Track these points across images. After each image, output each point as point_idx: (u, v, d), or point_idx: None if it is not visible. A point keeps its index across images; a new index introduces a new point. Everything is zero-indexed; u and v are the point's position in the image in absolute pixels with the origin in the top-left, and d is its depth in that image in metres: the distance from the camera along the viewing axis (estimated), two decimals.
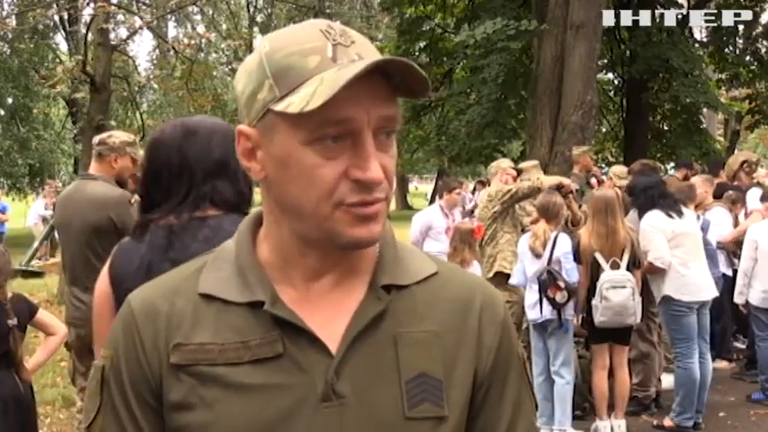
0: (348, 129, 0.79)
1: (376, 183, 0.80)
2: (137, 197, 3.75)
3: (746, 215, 6.07)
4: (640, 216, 4.85)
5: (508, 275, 4.97)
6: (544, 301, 4.47)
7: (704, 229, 5.68)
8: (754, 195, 6.04)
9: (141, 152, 3.75)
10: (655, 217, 4.71)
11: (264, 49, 0.83)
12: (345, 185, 0.80)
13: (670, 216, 4.70)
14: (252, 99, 0.83)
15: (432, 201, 26.45)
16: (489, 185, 6.23)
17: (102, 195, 3.41)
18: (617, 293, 4.34)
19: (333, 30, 0.82)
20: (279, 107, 0.79)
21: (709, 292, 4.78)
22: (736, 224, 6.08)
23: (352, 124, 0.79)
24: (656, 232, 4.66)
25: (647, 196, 4.85)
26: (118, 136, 3.66)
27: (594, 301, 4.41)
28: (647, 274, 4.76)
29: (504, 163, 6.06)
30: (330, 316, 0.87)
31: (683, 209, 4.87)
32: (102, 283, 1.73)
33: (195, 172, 1.69)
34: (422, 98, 0.84)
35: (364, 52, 0.82)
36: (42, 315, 3.22)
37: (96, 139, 3.67)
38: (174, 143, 1.71)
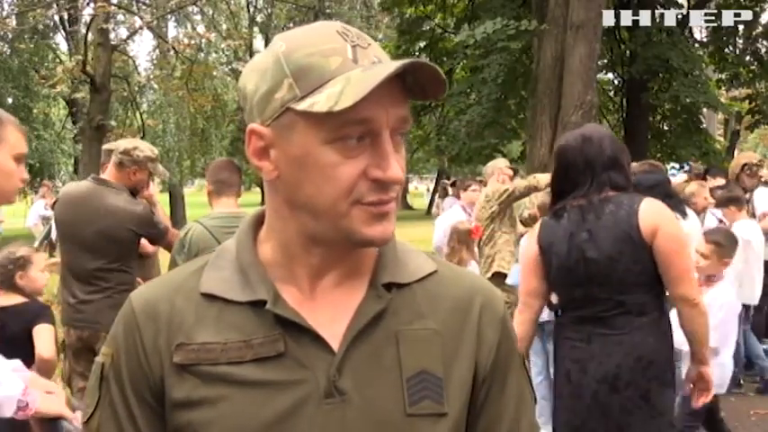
0: (369, 128, 0.80)
1: (396, 182, 0.82)
2: (154, 198, 3.83)
3: (754, 216, 6.00)
4: None
5: (506, 276, 4.96)
6: None
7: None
8: (761, 195, 5.98)
9: (160, 168, 3.73)
10: None
11: (281, 48, 0.83)
12: (364, 184, 0.81)
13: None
14: (267, 98, 0.83)
15: (432, 200, 26.47)
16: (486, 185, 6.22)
17: (123, 209, 3.43)
18: None
19: (350, 32, 0.83)
20: (301, 106, 0.80)
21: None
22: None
23: (372, 124, 0.80)
24: None
25: (652, 194, 4.82)
26: (143, 150, 3.59)
27: None
28: None
29: (501, 162, 6.05)
30: (332, 314, 0.87)
31: (687, 210, 4.85)
32: (531, 248, 2.50)
33: (595, 166, 2.34)
34: (435, 100, 0.85)
35: (380, 55, 0.83)
36: (38, 333, 2.93)
37: (121, 147, 3.60)
38: (577, 148, 2.38)
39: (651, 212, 2.29)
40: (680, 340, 2.56)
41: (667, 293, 2.37)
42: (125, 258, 3.51)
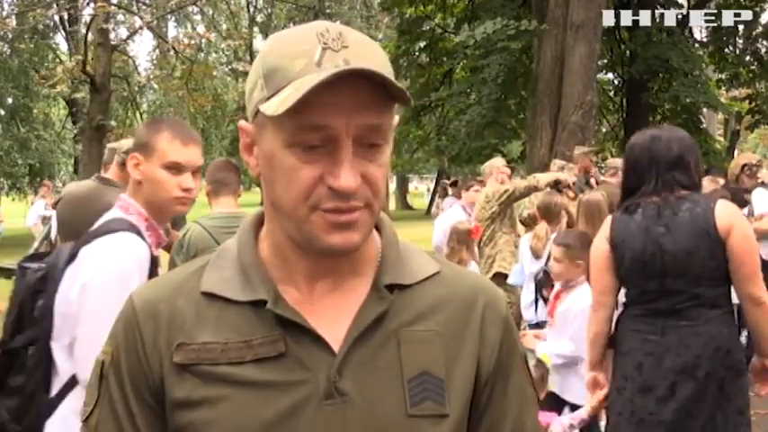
0: (326, 135, 0.79)
1: (347, 191, 0.80)
2: None
3: (753, 216, 5.99)
4: None
5: (507, 276, 4.97)
6: (540, 301, 4.46)
7: None
8: (759, 196, 5.98)
9: None
10: None
11: (264, 48, 0.85)
12: (322, 190, 0.81)
13: None
14: (250, 96, 0.85)
15: (432, 199, 26.46)
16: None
17: None
18: None
19: (328, 33, 0.81)
20: (262, 107, 0.81)
21: None
22: None
23: (328, 131, 0.79)
24: None
25: None
26: None
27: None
28: None
29: (498, 162, 6.05)
30: (333, 315, 0.87)
31: None
32: (601, 246, 2.58)
33: (660, 165, 2.45)
34: (407, 105, 0.84)
35: (354, 58, 0.80)
36: None
37: (124, 146, 3.60)
38: (645, 146, 2.49)
39: (727, 212, 2.42)
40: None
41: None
42: None
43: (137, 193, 1.89)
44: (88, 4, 9.72)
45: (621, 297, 2.67)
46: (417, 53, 14.82)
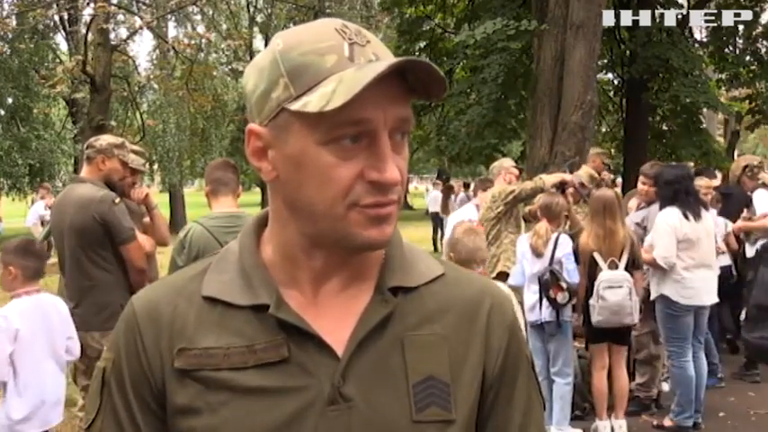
0: (365, 129, 0.78)
1: (393, 184, 0.79)
2: (150, 199, 3.80)
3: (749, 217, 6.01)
4: (661, 207, 4.76)
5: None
6: (543, 301, 4.47)
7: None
8: (761, 197, 6.01)
9: (132, 156, 3.74)
10: (671, 216, 4.62)
11: (278, 46, 0.81)
12: (361, 186, 0.79)
13: (686, 217, 4.61)
14: (264, 98, 0.81)
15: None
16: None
17: (85, 197, 3.41)
18: (614, 293, 4.33)
19: (348, 29, 0.81)
20: (295, 106, 0.78)
21: (710, 297, 4.74)
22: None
23: (369, 125, 0.78)
24: (669, 232, 4.60)
25: (670, 189, 4.73)
26: (106, 138, 3.67)
27: (592, 301, 4.40)
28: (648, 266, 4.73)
29: (507, 162, 6.05)
30: (337, 319, 0.86)
31: (703, 211, 4.77)
32: None
33: None
34: (437, 99, 0.83)
35: (380, 52, 0.81)
36: None
37: (87, 142, 3.71)
38: None
39: None
40: None
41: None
42: (101, 251, 3.47)
43: None
44: (88, 4, 9.71)
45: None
46: (417, 53, 14.81)
